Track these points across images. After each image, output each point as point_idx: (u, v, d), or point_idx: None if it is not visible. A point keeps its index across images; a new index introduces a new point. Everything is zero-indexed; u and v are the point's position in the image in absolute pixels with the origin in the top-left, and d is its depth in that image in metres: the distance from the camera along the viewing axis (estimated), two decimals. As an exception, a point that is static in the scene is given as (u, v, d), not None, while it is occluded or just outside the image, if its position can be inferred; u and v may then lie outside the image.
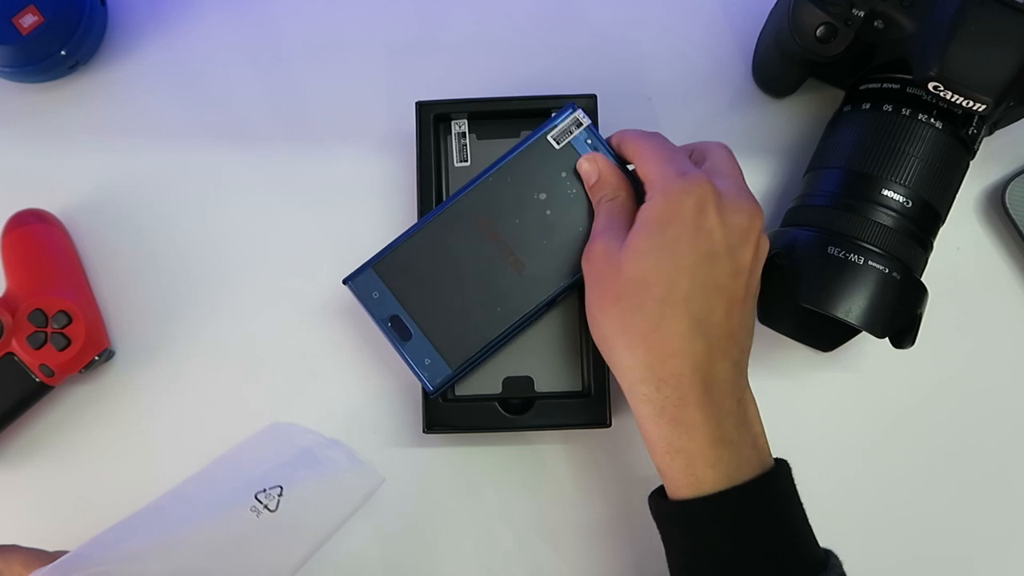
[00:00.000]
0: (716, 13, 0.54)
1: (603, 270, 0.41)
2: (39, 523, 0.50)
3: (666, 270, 0.39)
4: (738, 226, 0.40)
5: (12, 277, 0.50)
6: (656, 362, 0.39)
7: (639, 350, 0.39)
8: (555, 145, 0.45)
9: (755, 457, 0.40)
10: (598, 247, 0.42)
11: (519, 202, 0.45)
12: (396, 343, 0.45)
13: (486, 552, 0.50)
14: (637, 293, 0.39)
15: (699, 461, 0.38)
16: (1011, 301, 0.52)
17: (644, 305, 0.39)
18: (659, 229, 0.39)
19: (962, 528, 0.50)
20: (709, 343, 0.39)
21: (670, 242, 0.39)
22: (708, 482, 0.38)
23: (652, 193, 0.41)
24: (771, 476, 0.40)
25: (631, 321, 0.39)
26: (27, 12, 0.50)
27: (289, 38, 0.55)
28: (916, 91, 0.44)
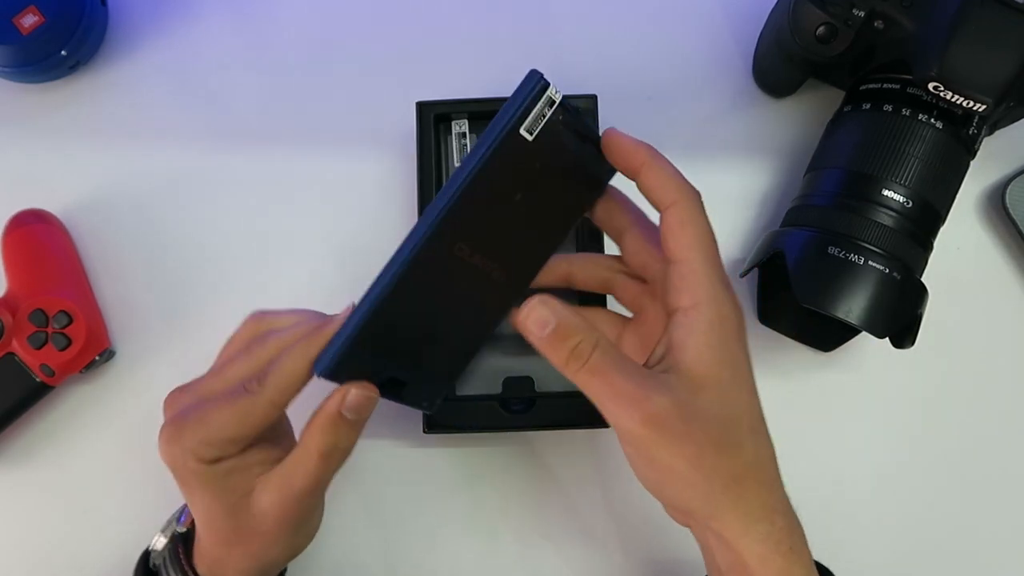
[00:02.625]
0: (716, 13, 0.54)
1: (684, 426, 0.33)
2: (39, 523, 0.50)
3: (747, 397, 0.35)
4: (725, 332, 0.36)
5: (12, 277, 0.50)
6: (767, 494, 0.35)
7: (751, 490, 0.35)
8: (528, 137, 0.35)
9: None
10: (659, 406, 0.33)
11: (495, 214, 0.37)
12: (392, 398, 0.40)
13: (486, 552, 0.50)
14: (734, 431, 0.35)
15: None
16: (1011, 301, 0.52)
17: (743, 441, 0.35)
18: (730, 352, 0.35)
19: (962, 527, 0.50)
20: (774, 449, 0.37)
21: (739, 365, 0.35)
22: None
23: (702, 301, 0.35)
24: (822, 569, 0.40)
25: (737, 463, 0.34)
26: (27, 12, 0.50)
27: (289, 38, 0.55)
28: (916, 91, 0.44)
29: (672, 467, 0.34)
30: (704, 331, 0.34)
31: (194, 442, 0.36)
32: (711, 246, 0.36)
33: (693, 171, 0.53)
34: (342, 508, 0.50)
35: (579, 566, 0.50)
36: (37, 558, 0.50)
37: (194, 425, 0.36)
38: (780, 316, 0.50)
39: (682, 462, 0.34)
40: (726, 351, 0.35)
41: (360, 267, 0.50)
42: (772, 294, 0.50)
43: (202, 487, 0.37)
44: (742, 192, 0.52)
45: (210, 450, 0.36)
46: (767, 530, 0.35)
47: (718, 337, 0.35)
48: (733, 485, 0.35)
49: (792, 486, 0.48)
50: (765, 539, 0.35)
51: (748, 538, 0.35)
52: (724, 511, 0.35)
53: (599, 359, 0.34)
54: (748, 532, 0.35)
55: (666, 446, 0.34)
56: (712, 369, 0.34)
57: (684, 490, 0.35)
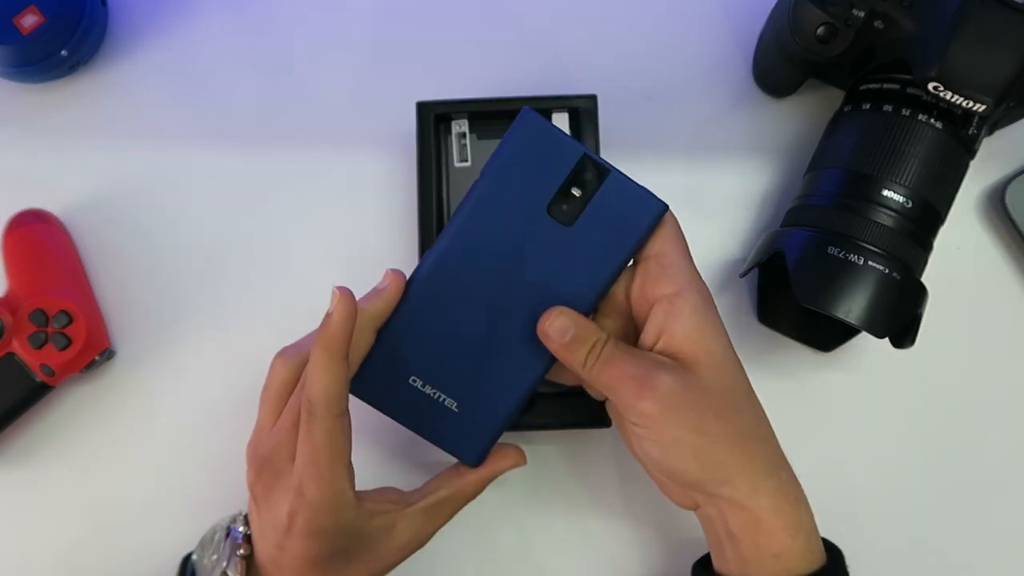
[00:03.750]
0: (716, 13, 0.54)
1: (688, 398, 0.37)
2: (39, 523, 0.50)
3: (738, 366, 0.39)
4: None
5: (13, 277, 0.50)
6: (771, 450, 0.39)
7: (756, 448, 0.38)
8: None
9: None
10: (664, 384, 0.37)
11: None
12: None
13: (486, 552, 0.50)
14: (732, 397, 0.38)
15: (813, 533, 0.39)
16: (1011, 301, 0.52)
17: (743, 404, 0.38)
18: (717, 328, 0.38)
19: (962, 527, 0.50)
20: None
21: (724, 340, 0.39)
22: (819, 551, 0.39)
23: (683, 287, 0.38)
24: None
25: (738, 426, 0.38)
26: (28, 12, 0.50)
27: (289, 38, 0.55)
28: (916, 91, 0.44)
29: (679, 438, 0.37)
30: (691, 313, 0.37)
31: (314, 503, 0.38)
32: (684, 240, 0.39)
33: (693, 171, 0.53)
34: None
35: (579, 565, 0.50)
36: (37, 558, 0.50)
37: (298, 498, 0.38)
38: (780, 316, 0.50)
39: (687, 431, 0.37)
40: (713, 328, 0.38)
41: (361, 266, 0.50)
42: (772, 294, 0.50)
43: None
44: (742, 192, 0.52)
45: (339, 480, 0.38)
46: (775, 484, 0.38)
47: (703, 317, 0.38)
48: (739, 446, 0.38)
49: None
50: (774, 493, 0.38)
51: (758, 494, 0.37)
52: (734, 472, 0.37)
53: (610, 351, 0.38)
54: (758, 489, 0.37)
55: (672, 418, 0.37)
56: (703, 345, 0.38)
57: (692, 460, 0.37)
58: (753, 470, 0.38)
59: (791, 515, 0.38)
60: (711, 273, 0.52)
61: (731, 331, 0.51)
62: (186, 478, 0.50)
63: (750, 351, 0.51)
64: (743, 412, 0.38)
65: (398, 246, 0.52)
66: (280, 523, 0.38)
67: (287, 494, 0.38)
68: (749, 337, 0.51)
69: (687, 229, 0.51)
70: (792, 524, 0.38)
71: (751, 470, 0.38)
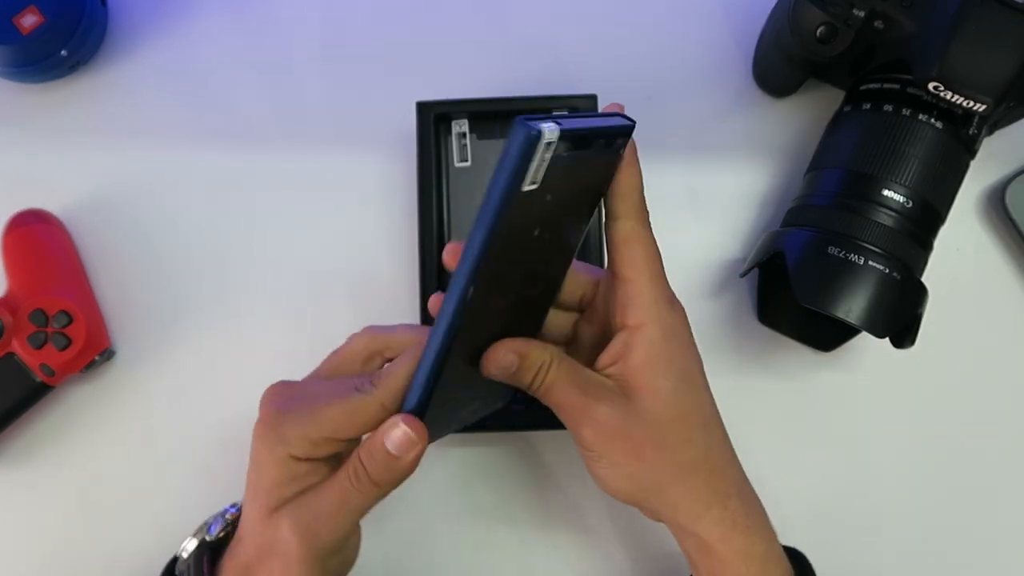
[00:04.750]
0: (716, 13, 0.54)
1: (624, 428, 0.37)
2: (39, 523, 0.50)
3: (694, 397, 0.38)
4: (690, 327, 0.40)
5: (13, 277, 0.50)
6: (718, 481, 0.38)
7: (700, 479, 0.38)
8: (533, 187, 0.32)
9: None
10: (602, 414, 0.37)
11: (518, 257, 0.35)
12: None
13: (486, 552, 0.50)
14: (681, 430, 0.38)
15: (770, 561, 0.39)
16: (1011, 301, 0.52)
17: (692, 437, 0.38)
18: (672, 365, 0.38)
19: (963, 527, 0.50)
20: (727, 435, 0.40)
21: (684, 372, 0.38)
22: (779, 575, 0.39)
23: (645, 321, 0.37)
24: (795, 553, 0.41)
25: (683, 458, 0.38)
26: (27, 12, 0.50)
27: (289, 38, 0.55)
28: (916, 91, 0.44)
29: (615, 462, 0.37)
30: (647, 349, 0.37)
31: (295, 433, 0.36)
32: (655, 262, 0.38)
33: (693, 171, 0.53)
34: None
35: (578, 564, 0.50)
36: (37, 558, 0.50)
37: (298, 416, 0.36)
38: (780, 316, 0.50)
39: (624, 458, 0.37)
40: (669, 364, 0.37)
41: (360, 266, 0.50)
42: (772, 294, 0.50)
43: (268, 480, 0.37)
44: (742, 192, 0.52)
45: (305, 445, 0.36)
46: (720, 514, 0.38)
47: (659, 353, 0.37)
48: (681, 476, 0.38)
49: (792, 486, 0.48)
50: (719, 521, 0.38)
51: (702, 522, 0.37)
52: (676, 500, 0.38)
53: (552, 377, 0.38)
54: (701, 517, 0.38)
55: (610, 445, 0.37)
56: (652, 381, 0.37)
57: (631, 484, 0.38)
58: (695, 499, 0.38)
59: (740, 543, 0.38)
60: (711, 273, 0.52)
61: (731, 331, 0.51)
62: (186, 478, 0.50)
63: (750, 351, 0.51)
64: (691, 443, 0.38)
65: (398, 246, 0.52)
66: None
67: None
68: (749, 337, 0.51)
69: (687, 229, 0.52)
70: (742, 553, 0.38)
71: (692, 499, 0.38)
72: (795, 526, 0.41)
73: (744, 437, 0.40)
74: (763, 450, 0.49)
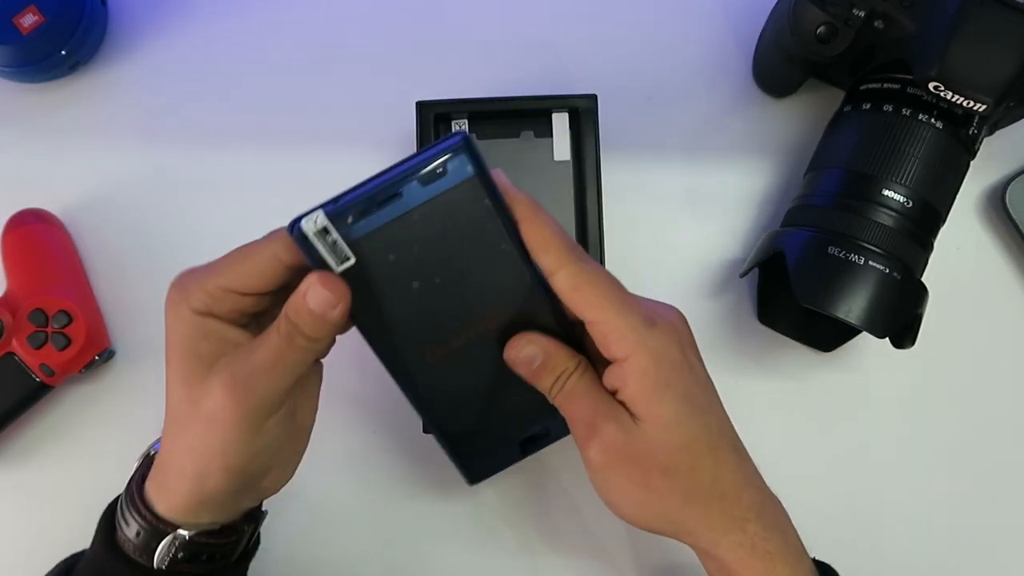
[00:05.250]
0: (716, 13, 0.54)
1: (631, 453, 0.36)
2: (39, 523, 0.50)
3: (699, 422, 0.36)
4: (689, 340, 0.38)
5: (12, 277, 0.50)
6: (731, 506, 0.37)
7: (712, 506, 0.37)
8: (350, 262, 0.33)
9: (806, 556, 0.39)
10: (609, 436, 0.36)
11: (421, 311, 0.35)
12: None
13: (486, 552, 0.50)
14: (686, 456, 0.36)
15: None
16: (1011, 301, 0.52)
17: (697, 463, 0.36)
18: (670, 390, 0.36)
19: (962, 527, 0.50)
20: (741, 456, 0.38)
21: (685, 396, 0.36)
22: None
23: (629, 353, 0.35)
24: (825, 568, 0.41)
25: (691, 484, 0.36)
26: (27, 12, 0.50)
27: (289, 38, 0.55)
28: (916, 91, 0.44)
29: (624, 489, 0.37)
30: (640, 379, 0.35)
31: (194, 285, 0.35)
32: (617, 294, 0.35)
33: (693, 171, 0.53)
34: (340, 507, 0.50)
35: (581, 569, 0.50)
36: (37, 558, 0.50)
37: (199, 270, 0.36)
38: (780, 316, 0.50)
39: (631, 484, 0.36)
40: (666, 390, 0.35)
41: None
42: (772, 294, 0.50)
43: (178, 340, 0.35)
44: (742, 192, 0.52)
45: (204, 297, 0.35)
46: (739, 539, 0.37)
47: (653, 381, 0.35)
48: (693, 503, 0.36)
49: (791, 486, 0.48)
50: (739, 547, 0.37)
51: (720, 548, 0.37)
52: (693, 526, 0.37)
53: (572, 385, 0.37)
54: (719, 544, 0.37)
55: (617, 470, 0.36)
56: (651, 410, 0.35)
57: (639, 510, 0.37)
58: (711, 527, 0.37)
59: (760, 568, 0.37)
60: (711, 273, 0.52)
61: (731, 331, 0.51)
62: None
63: (750, 351, 0.51)
64: (698, 471, 0.36)
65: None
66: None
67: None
68: (749, 337, 0.51)
69: (687, 229, 0.52)
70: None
71: (708, 526, 0.37)
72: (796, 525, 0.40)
73: (744, 437, 0.40)
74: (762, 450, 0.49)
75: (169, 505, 0.37)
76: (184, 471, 0.36)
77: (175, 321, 0.35)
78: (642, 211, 0.52)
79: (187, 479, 0.36)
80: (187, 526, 0.37)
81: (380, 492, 0.50)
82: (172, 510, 0.37)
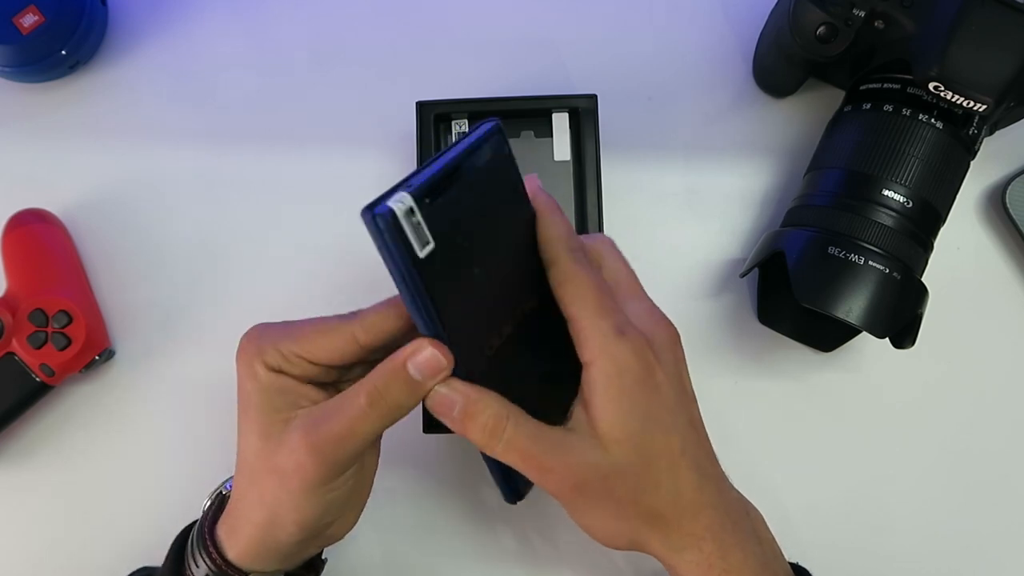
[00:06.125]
0: (716, 13, 0.54)
1: (604, 483, 0.36)
2: (39, 523, 0.50)
3: (658, 440, 0.36)
4: (671, 359, 0.37)
5: (12, 277, 0.50)
6: (689, 523, 0.37)
7: (670, 524, 0.37)
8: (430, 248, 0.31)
9: (782, 566, 0.39)
10: (581, 473, 0.35)
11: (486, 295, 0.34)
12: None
13: (486, 552, 0.50)
14: (647, 474, 0.36)
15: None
16: (1011, 301, 0.52)
17: (658, 481, 0.36)
18: (628, 401, 0.35)
19: (962, 527, 0.50)
20: (705, 475, 0.37)
21: (645, 413, 0.35)
22: None
23: (594, 357, 0.35)
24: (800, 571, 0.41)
25: (654, 503, 0.36)
26: (27, 12, 0.50)
27: (289, 38, 0.55)
28: (916, 91, 0.44)
29: (598, 518, 0.37)
30: (604, 386, 0.35)
31: (269, 343, 0.36)
32: (596, 296, 0.35)
33: (693, 171, 0.53)
34: (342, 508, 0.50)
35: (580, 566, 0.50)
36: (37, 558, 0.50)
37: (274, 330, 0.37)
38: (780, 316, 0.50)
39: (605, 515, 0.36)
40: (631, 402, 0.35)
41: (359, 267, 0.50)
42: (772, 294, 0.50)
43: (251, 396, 0.36)
44: (742, 192, 0.52)
45: (277, 357, 0.36)
46: (696, 557, 0.37)
47: (617, 390, 0.35)
48: (653, 522, 0.36)
49: (791, 486, 0.48)
50: (696, 564, 0.37)
51: (682, 565, 0.37)
52: (653, 543, 0.37)
53: (513, 433, 0.35)
54: (680, 561, 0.37)
55: (590, 504, 0.36)
56: (618, 424, 0.35)
57: (612, 536, 0.37)
58: (669, 544, 0.37)
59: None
60: (711, 273, 0.52)
61: (731, 331, 0.51)
62: (185, 478, 0.50)
63: (750, 351, 0.51)
64: (661, 488, 0.36)
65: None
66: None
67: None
68: (749, 337, 0.51)
69: (687, 229, 0.52)
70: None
71: (667, 544, 0.37)
72: (795, 525, 0.41)
73: (744, 437, 0.40)
74: (763, 450, 0.49)
75: (239, 551, 0.37)
76: (255, 521, 0.37)
77: (248, 375, 0.36)
78: (642, 211, 0.52)
79: (258, 528, 0.37)
80: (255, 574, 0.38)
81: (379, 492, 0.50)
82: (241, 556, 0.37)
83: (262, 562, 0.37)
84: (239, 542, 0.37)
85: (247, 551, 0.37)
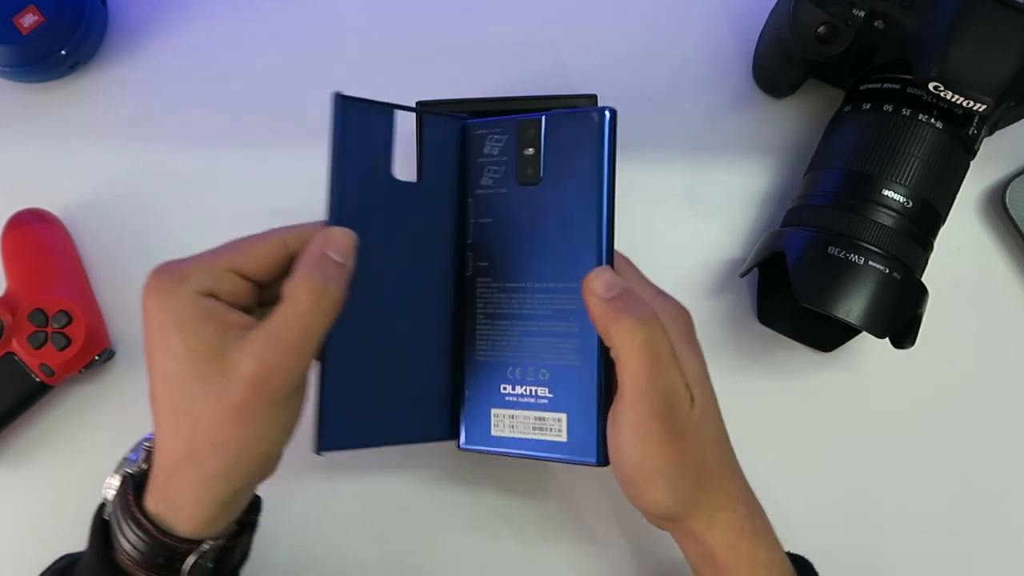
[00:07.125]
0: (716, 13, 0.54)
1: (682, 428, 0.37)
2: (39, 523, 0.50)
3: (713, 401, 0.39)
4: (684, 330, 0.39)
5: (12, 277, 0.50)
6: (727, 483, 0.38)
7: (715, 480, 0.38)
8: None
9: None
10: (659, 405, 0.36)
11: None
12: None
13: (486, 552, 0.50)
14: (710, 424, 0.38)
15: (774, 568, 0.39)
16: (1011, 301, 0.52)
17: (718, 435, 0.39)
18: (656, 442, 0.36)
19: (962, 527, 0.50)
20: (730, 444, 0.40)
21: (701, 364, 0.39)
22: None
23: (628, 395, 0.36)
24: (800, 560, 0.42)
25: (706, 459, 0.38)
26: (27, 12, 0.50)
27: (289, 38, 0.55)
28: (916, 91, 0.44)
29: (660, 469, 0.37)
30: (631, 429, 0.37)
31: (192, 267, 0.34)
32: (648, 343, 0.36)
33: (693, 171, 0.53)
34: (340, 507, 0.50)
35: (580, 566, 0.50)
36: (37, 558, 0.50)
37: (193, 258, 0.35)
38: (780, 316, 0.50)
39: (668, 463, 0.36)
40: (656, 446, 0.36)
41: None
42: (772, 294, 0.50)
43: (176, 328, 0.33)
44: (742, 192, 0.52)
45: (205, 277, 0.34)
46: (730, 517, 0.38)
47: (646, 432, 0.36)
48: (702, 480, 0.37)
49: (791, 486, 0.48)
50: (728, 526, 0.38)
51: (714, 528, 0.38)
52: (694, 505, 0.38)
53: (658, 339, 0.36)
54: (713, 523, 0.38)
55: (663, 443, 0.36)
56: (693, 370, 0.38)
57: (666, 492, 0.37)
58: (710, 502, 0.38)
59: (745, 549, 0.38)
60: (711, 273, 0.52)
61: (731, 331, 0.51)
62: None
63: (750, 351, 0.51)
64: (718, 444, 0.38)
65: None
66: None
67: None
68: (749, 337, 0.51)
69: (687, 229, 0.52)
70: (749, 560, 0.38)
71: (707, 502, 0.38)
72: (795, 526, 0.41)
73: (744, 437, 0.40)
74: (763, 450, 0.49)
75: (191, 520, 0.34)
76: (210, 473, 0.33)
77: (168, 307, 0.33)
78: (642, 211, 0.52)
79: (216, 482, 0.33)
80: (211, 537, 0.35)
81: (378, 493, 0.50)
82: (196, 525, 0.34)
83: (219, 523, 0.35)
84: (186, 509, 0.34)
85: (201, 515, 0.34)
